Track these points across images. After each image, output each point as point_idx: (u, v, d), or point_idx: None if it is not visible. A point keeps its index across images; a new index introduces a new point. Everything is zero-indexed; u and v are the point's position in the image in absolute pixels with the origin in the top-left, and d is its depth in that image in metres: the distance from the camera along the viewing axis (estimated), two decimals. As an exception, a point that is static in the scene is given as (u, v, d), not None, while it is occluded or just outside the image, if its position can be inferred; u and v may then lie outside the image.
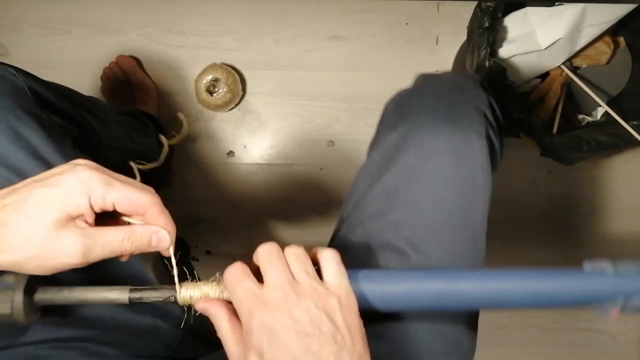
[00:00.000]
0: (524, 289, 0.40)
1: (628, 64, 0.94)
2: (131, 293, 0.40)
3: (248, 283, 0.37)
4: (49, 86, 0.56)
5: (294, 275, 0.37)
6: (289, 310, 0.35)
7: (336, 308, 0.36)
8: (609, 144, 0.83)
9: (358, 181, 0.57)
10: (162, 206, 0.39)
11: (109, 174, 0.38)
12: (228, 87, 0.98)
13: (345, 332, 0.36)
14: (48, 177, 0.36)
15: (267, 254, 0.38)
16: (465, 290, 0.40)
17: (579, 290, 0.40)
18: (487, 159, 0.49)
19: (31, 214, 0.35)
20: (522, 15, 0.85)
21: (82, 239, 0.36)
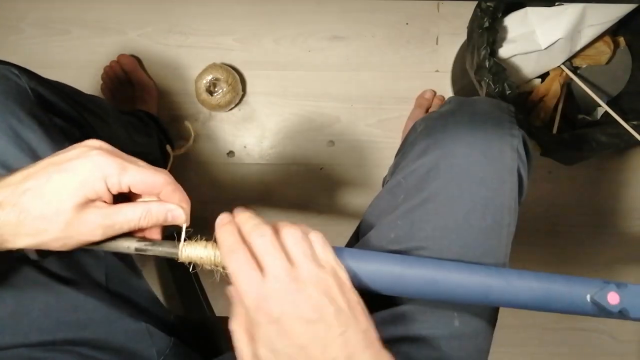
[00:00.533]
0: (511, 287, 0.40)
1: (628, 64, 0.94)
2: (138, 243, 0.40)
3: (252, 273, 0.36)
4: (51, 86, 0.56)
5: (293, 259, 0.37)
6: (293, 300, 0.35)
7: (335, 288, 0.36)
8: (609, 144, 0.82)
9: (378, 202, 0.56)
10: (175, 184, 0.40)
11: (123, 157, 0.39)
12: (228, 87, 0.98)
13: (347, 311, 0.36)
14: (64, 162, 0.37)
15: (262, 242, 0.37)
16: (450, 282, 0.40)
17: (568, 282, 0.40)
18: (515, 198, 0.49)
19: (52, 200, 0.36)
20: (522, 15, 0.85)
21: (101, 219, 0.38)
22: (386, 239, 0.50)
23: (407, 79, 1.06)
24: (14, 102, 0.47)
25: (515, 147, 0.50)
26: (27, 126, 0.47)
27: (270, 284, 0.36)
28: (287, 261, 0.37)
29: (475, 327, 0.48)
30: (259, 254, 0.37)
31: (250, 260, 0.37)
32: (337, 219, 1.07)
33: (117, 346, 0.51)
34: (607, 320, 1.11)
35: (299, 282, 0.36)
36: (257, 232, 0.38)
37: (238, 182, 1.06)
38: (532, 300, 0.40)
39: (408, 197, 0.51)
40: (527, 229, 1.08)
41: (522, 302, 0.41)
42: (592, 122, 0.96)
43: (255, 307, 0.36)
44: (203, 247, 0.41)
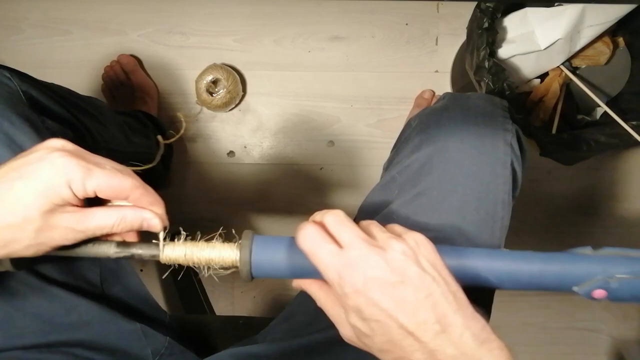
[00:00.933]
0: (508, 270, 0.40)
1: (627, 65, 0.94)
2: (117, 248, 0.40)
3: (329, 246, 0.36)
4: (44, 88, 0.55)
5: (368, 233, 0.37)
6: (373, 265, 0.34)
7: (416, 249, 0.36)
8: (608, 144, 0.83)
9: (373, 197, 0.57)
10: (144, 187, 0.38)
11: (87, 158, 0.37)
12: (228, 87, 0.98)
13: (433, 272, 0.35)
14: (24, 167, 0.35)
15: (336, 219, 0.37)
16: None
17: (557, 270, 0.39)
18: (509, 192, 0.49)
19: (16, 208, 0.34)
20: (521, 15, 0.85)
21: (72, 224, 0.36)
22: None
23: (407, 79, 1.06)
24: (6, 105, 0.46)
25: (509, 142, 0.50)
26: (19, 129, 0.46)
27: (349, 253, 0.35)
28: (364, 233, 0.36)
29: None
30: (334, 229, 0.37)
31: (324, 235, 0.36)
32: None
33: (111, 347, 0.51)
34: (607, 320, 1.11)
35: (377, 247, 0.35)
36: (330, 213, 0.38)
37: (238, 182, 1.07)
38: (523, 283, 0.40)
39: (402, 191, 0.51)
40: (526, 229, 1.08)
41: (509, 286, 0.40)
42: (592, 122, 0.96)
43: (338, 279, 0.35)
44: (183, 246, 0.40)
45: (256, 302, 1.09)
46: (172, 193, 1.05)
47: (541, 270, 0.39)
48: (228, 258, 0.40)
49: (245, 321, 0.69)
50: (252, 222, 1.07)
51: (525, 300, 1.11)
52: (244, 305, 1.09)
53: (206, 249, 0.41)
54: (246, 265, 0.40)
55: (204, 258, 0.40)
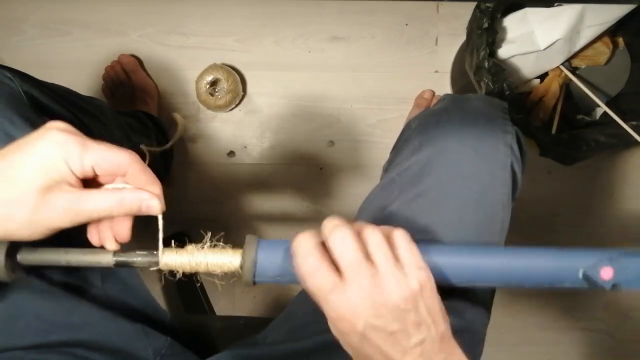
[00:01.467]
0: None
1: (627, 65, 0.94)
2: (115, 256, 0.39)
3: (333, 285, 0.35)
4: (45, 88, 0.55)
5: (375, 263, 0.36)
6: (377, 314, 0.35)
7: (418, 294, 0.36)
8: (608, 144, 0.83)
9: (373, 198, 0.56)
10: (142, 164, 0.38)
11: (83, 136, 0.37)
12: (228, 87, 0.98)
13: (427, 318, 0.36)
14: (24, 143, 0.36)
15: (343, 248, 0.36)
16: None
17: (563, 258, 0.40)
18: (508, 194, 0.49)
19: (14, 182, 0.34)
20: (521, 15, 0.85)
21: (69, 203, 0.35)
22: None
23: (407, 80, 1.06)
24: (7, 106, 0.47)
25: (509, 143, 0.50)
26: (20, 129, 0.46)
27: (353, 296, 0.35)
28: (369, 267, 0.35)
29: (468, 323, 0.48)
30: (340, 260, 0.36)
31: (328, 269, 0.35)
32: (337, 219, 1.07)
33: (112, 347, 0.51)
34: (607, 320, 1.11)
35: (383, 291, 0.35)
36: (338, 234, 0.36)
37: (238, 182, 1.07)
38: (523, 277, 0.40)
39: (402, 193, 0.51)
40: (526, 229, 1.08)
41: (514, 281, 0.40)
42: (591, 122, 0.96)
43: (336, 319, 0.36)
44: (184, 253, 0.40)
45: (256, 302, 1.09)
46: (173, 193, 1.05)
47: (547, 261, 0.39)
48: (231, 264, 0.40)
49: (245, 321, 0.69)
50: (252, 222, 1.07)
51: (525, 301, 1.11)
52: (244, 305, 1.09)
53: (208, 254, 0.40)
54: (250, 272, 0.39)
55: (205, 264, 0.40)
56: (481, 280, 0.41)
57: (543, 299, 1.11)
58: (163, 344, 0.56)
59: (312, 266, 0.36)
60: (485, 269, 0.40)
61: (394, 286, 0.35)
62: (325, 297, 0.36)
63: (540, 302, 1.11)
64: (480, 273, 0.41)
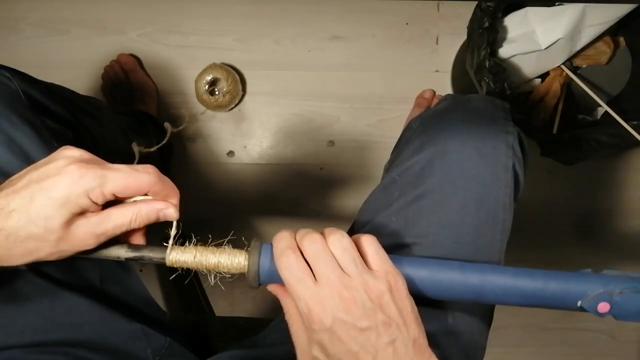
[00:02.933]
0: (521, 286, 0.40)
1: (628, 64, 0.94)
2: (127, 252, 0.40)
3: (305, 279, 0.37)
4: (45, 88, 0.55)
5: (343, 267, 0.37)
6: (345, 308, 0.36)
7: (387, 295, 0.37)
8: (609, 144, 0.82)
9: (373, 198, 0.56)
10: (161, 179, 0.39)
11: (102, 165, 0.38)
12: (228, 87, 0.98)
13: (398, 319, 0.37)
14: (44, 180, 0.36)
15: (313, 248, 0.38)
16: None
17: (561, 285, 0.40)
18: (510, 194, 0.49)
19: (38, 221, 0.36)
20: (522, 15, 0.85)
21: (92, 229, 0.37)
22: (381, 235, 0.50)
23: (407, 79, 1.06)
24: (5, 105, 0.46)
25: (510, 144, 0.50)
26: (19, 129, 0.46)
27: (322, 291, 0.36)
28: (339, 268, 0.37)
29: (469, 324, 0.48)
30: (311, 260, 0.38)
31: (302, 265, 0.37)
32: (337, 218, 1.06)
33: (111, 347, 0.51)
34: (607, 320, 1.11)
35: (351, 289, 0.36)
36: (309, 238, 0.38)
37: (238, 182, 1.06)
38: (525, 301, 0.40)
39: (402, 193, 0.51)
40: (526, 229, 1.08)
41: (515, 302, 0.41)
42: (592, 122, 0.96)
43: (307, 313, 0.37)
44: (191, 251, 0.41)
45: (256, 303, 1.09)
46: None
47: (544, 286, 0.40)
48: (237, 264, 0.41)
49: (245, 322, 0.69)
50: (251, 222, 1.07)
51: (526, 301, 1.10)
52: (243, 305, 1.08)
53: (215, 254, 0.41)
54: (254, 272, 0.40)
55: (212, 263, 0.41)
56: (455, 296, 0.41)
57: (543, 300, 1.11)
58: (162, 344, 0.55)
59: (288, 257, 0.38)
60: (460, 287, 0.41)
61: (362, 285, 0.36)
62: (296, 289, 0.37)
63: (540, 302, 1.11)
64: (455, 290, 0.41)
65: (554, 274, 0.40)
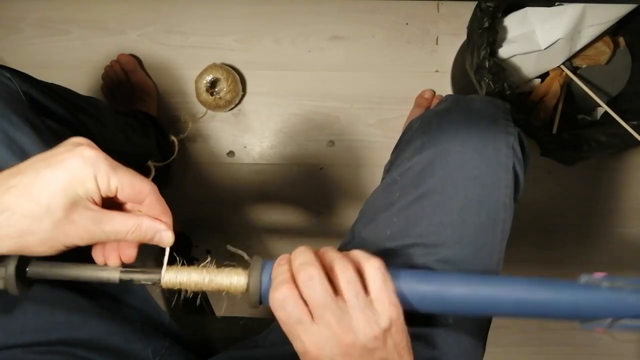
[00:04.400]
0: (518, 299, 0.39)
1: (628, 64, 0.94)
2: (122, 274, 0.39)
3: (303, 321, 0.35)
4: (45, 88, 0.55)
5: (345, 299, 0.35)
6: (343, 353, 0.35)
7: (387, 332, 0.35)
8: (608, 144, 0.83)
9: (374, 199, 0.56)
10: (159, 195, 0.39)
11: (109, 157, 0.37)
12: (228, 87, 0.98)
13: (393, 353, 0.36)
14: (52, 157, 0.35)
15: (312, 288, 0.35)
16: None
17: (569, 303, 0.39)
18: (511, 195, 0.49)
19: (40, 198, 0.34)
20: (522, 15, 0.85)
21: (90, 223, 0.36)
22: (382, 236, 0.50)
23: (407, 79, 1.06)
24: (6, 106, 0.47)
25: (511, 145, 0.50)
26: (19, 129, 0.46)
27: (320, 334, 0.35)
28: (338, 308, 0.35)
29: (469, 324, 0.48)
30: (309, 300, 0.35)
31: (299, 305, 0.35)
32: (337, 218, 1.07)
33: (112, 347, 0.51)
34: (607, 320, 1.11)
35: (350, 331, 0.35)
36: (305, 274, 0.36)
37: (238, 182, 1.06)
38: (527, 312, 0.40)
39: (403, 194, 0.51)
40: (526, 229, 1.08)
41: (519, 314, 0.40)
42: (592, 122, 0.96)
43: (304, 353, 0.36)
44: (184, 274, 0.40)
45: (256, 303, 1.09)
46: (172, 193, 1.05)
47: (550, 301, 0.39)
48: (236, 284, 0.40)
49: (245, 322, 0.69)
50: (251, 222, 1.07)
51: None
52: (244, 306, 1.07)
53: (212, 275, 0.40)
54: (255, 292, 0.39)
55: (210, 285, 0.40)
56: (458, 310, 0.41)
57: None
58: (162, 344, 0.56)
59: (283, 296, 0.35)
60: (465, 304, 0.40)
61: (362, 325, 0.35)
62: (292, 330, 0.36)
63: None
64: (459, 306, 0.40)
65: (562, 287, 0.39)
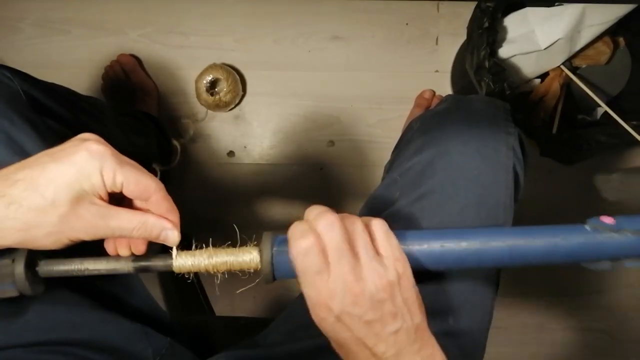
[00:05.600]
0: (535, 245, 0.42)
1: (627, 64, 0.94)
2: (134, 263, 0.39)
3: (317, 259, 0.36)
4: (45, 88, 0.55)
5: (356, 251, 0.37)
6: (353, 302, 0.36)
7: (395, 285, 0.37)
8: (608, 144, 0.83)
9: (375, 199, 0.56)
10: (166, 193, 0.39)
11: (117, 153, 0.38)
12: (228, 87, 0.98)
13: (403, 309, 0.37)
14: (59, 152, 0.36)
15: (331, 234, 0.36)
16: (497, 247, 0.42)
17: (575, 246, 0.42)
18: (511, 195, 0.49)
19: (46, 191, 0.34)
20: (521, 15, 0.85)
21: (96, 218, 0.36)
22: None
23: (407, 79, 1.06)
24: (6, 105, 0.47)
25: (511, 145, 0.50)
26: (20, 129, 0.46)
27: (334, 283, 0.36)
28: (352, 257, 0.36)
29: (469, 324, 0.48)
30: (328, 245, 0.36)
31: (320, 256, 0.36)
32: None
33: (112, 347, 0.51)
34: (607, 320, 1.11)
35: (361, 281, 0.36)
36: (326, 219, 0.37)
37: (238, 182, 1.06)
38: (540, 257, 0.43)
39: (404, 194, 0.51)
40: (526, 229, 1.08)
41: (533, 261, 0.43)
42: (592, 122, 0.96)
43: (318, 303, 0.37)
44: (196, 256, 0.40)
45: (256, 303, 1.09)
46: (172, 193, 1.04)
47: (556, 245, 0.42)
48: (249, 260, 0.40)
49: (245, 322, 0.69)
50: (251, 221, 1.07)
51: (525, 301, 1.11)
52: (244, 305, 1.08)
53: (224, 254, 0.40)
54: (268, 266, 0.39)
55: (222, 264, 0.40)
56: (464, 263, 0.41)
57: (543, 300, 1.11)
58: (163, 344, 0.56)
59: (306, 246, 0.36)
60: (470, 252, 0.40)
61: (372, 277, 0.36)
62: (310, 279, 0.37)
63: (540, 302, 1.11)
64: (464, 256, 0.40)
65: (564, 230, 0.43)
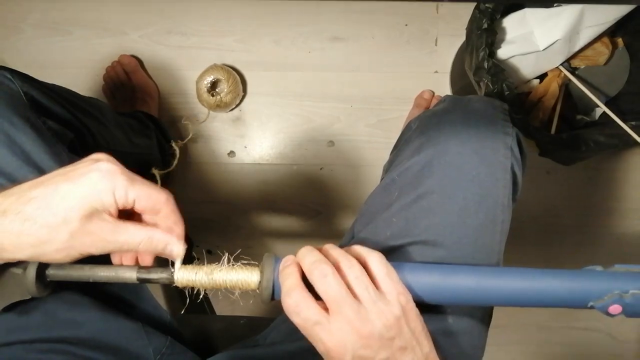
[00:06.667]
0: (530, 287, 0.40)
1: (626, 65, 0.94)
2: (139, 273, 0.41)
3: (320, 322, 0.36)
4: (46, 89, 0.55)
5: (357, 295, 0.37)
6: (364, 345, 0.36)
7: (401, 319, 0.37)
8: (607, 144, 0.83)
9: (373, 199, 0.57)
10: (175, 205, 0.41)
11: (128, 170, 0.39)
12: (229, 87, 0.98)
13: (411, 340, 0.37)
14: (72, 172, 0.37)
15: (326, 284, 0.36)
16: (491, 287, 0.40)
17: (572, 286, 0.40)
18: (509, 195, 0.50)
19: (58, 209, 0.35)
20: (520, 16, 0.85)
21: (105, 233, 0.37)
22: (382, 236, 0.51)
23: (407, 80, 1.06)
24: (7, 106, 0.47)
25: (509, 145, 0.50)
26: (20, 130, 0.47)
27: (339, 330, 0.36)
28: (354, 301, 0.36)
29: (469, 324, 0.48)
30: (325, 297, 0.37)
31: (314, 306, 0.36)
32: (336, 218, 1.07)
33: (113, 345, 0.52)
34: (607, 320, 1.11)
35: (367, 322, 0.36)
36: (319, 270, 0.37)
37: (238, 182, 1.07)
38: (535, 301, 0.41)
39: (402, 194, 0.51)
40: (525, 229, 1.08)
41: (526, 303, 0.41)
42: (591, 122, 0.96)
43: (326, 352, 0.37)
44: (197, 272, 0.41)
45: (257, 302, 1.09)
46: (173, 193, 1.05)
47: (555, 287, 0.40)
48: (250, 282, 0.41)
49: (246, 321, 0.69)
50: (252, 222, 1.07)
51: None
52: (244, 305, 1.08)
53: (225, 273, 0.41)
54: (268, 289, 0.40)
55: (223, 282, 0.41)
56: (462, 300, 0.41)
57: (542, 299, 1.11)
58: (163, 343, 0.56)
59: (296, 301, 0.37)
60: (468, 293, 0.40)
61: (378, 316, 0.36)
62: (311, 331, 0.37)
63: (539, 302, 1.11)
64: (461, 296, 0.41)
65: (564, 273, 0.40)
